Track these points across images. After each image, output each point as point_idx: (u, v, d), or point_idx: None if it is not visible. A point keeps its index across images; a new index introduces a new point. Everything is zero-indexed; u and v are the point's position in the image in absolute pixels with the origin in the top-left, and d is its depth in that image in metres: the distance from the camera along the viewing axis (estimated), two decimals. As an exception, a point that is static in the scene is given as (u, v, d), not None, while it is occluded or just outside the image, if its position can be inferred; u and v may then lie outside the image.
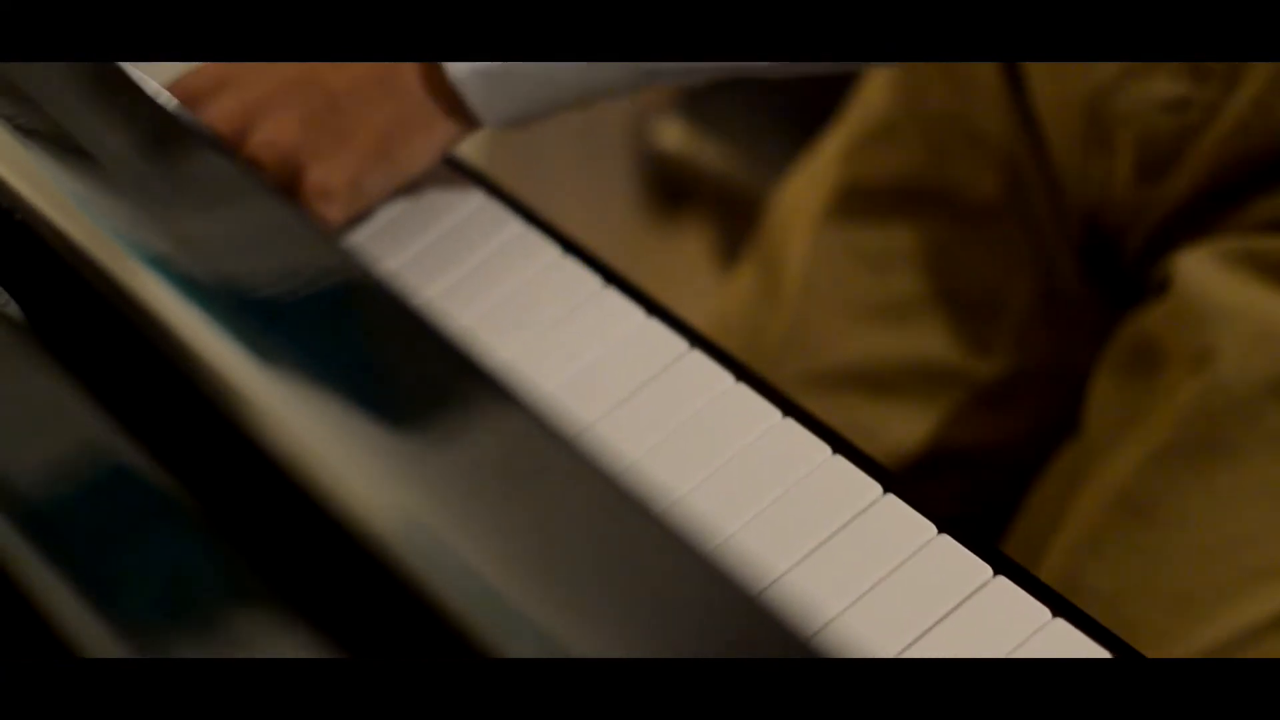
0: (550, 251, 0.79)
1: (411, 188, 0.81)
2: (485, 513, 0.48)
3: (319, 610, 0.49)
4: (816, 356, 0.94)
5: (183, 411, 0.54)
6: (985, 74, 0.92)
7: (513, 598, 0.46)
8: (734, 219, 1.17)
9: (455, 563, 0.47)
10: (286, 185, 0.75)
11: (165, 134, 0.64)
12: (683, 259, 0.85)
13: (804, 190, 0.99)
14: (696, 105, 1.18)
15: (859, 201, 0.95)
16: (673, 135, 1.18)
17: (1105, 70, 0.85)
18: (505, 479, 0.50)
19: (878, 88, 0.97)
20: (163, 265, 0.56)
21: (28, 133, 0.62)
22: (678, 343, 0.73)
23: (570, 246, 0.79)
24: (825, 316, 0.95)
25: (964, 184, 0.92)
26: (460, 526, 0.48)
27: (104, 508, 0.53)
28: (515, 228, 0.80)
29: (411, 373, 0.54)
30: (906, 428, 0.92)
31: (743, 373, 0.72)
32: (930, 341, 0.93)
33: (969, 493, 0.92)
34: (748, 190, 1.14)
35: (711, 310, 1.03)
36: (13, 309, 0.61)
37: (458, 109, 0.76)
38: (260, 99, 0.75)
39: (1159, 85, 0.83)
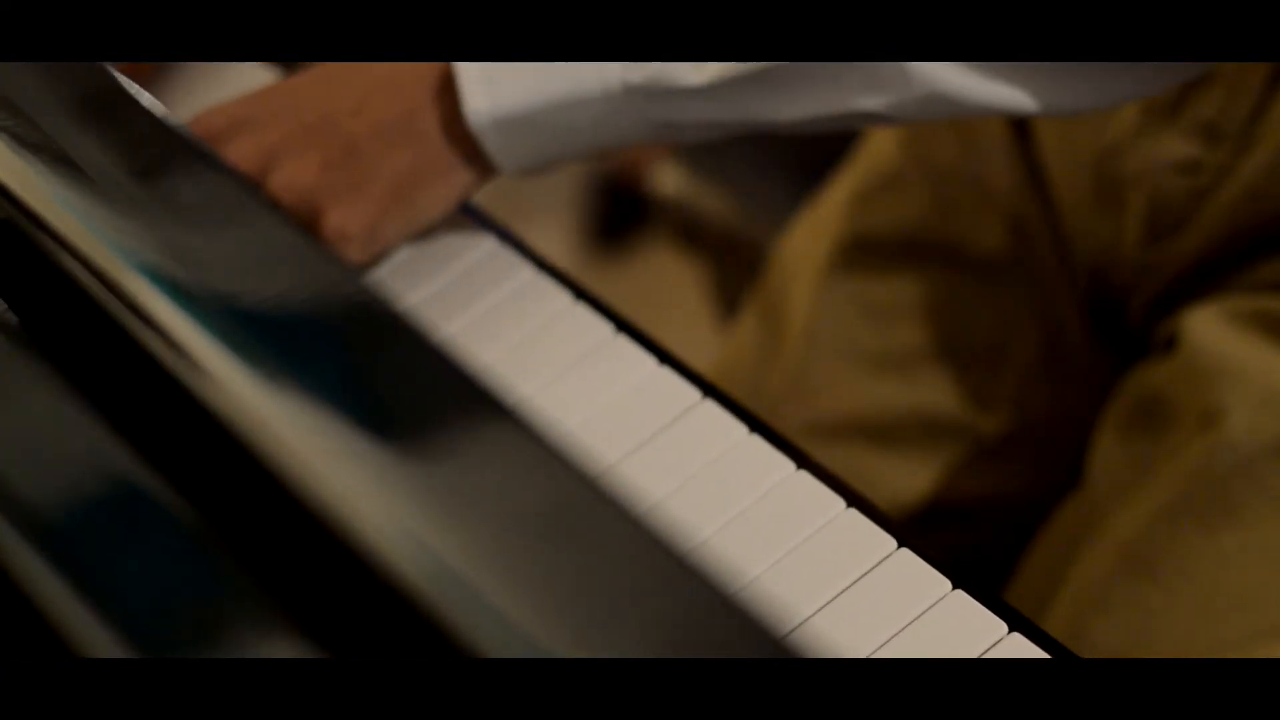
0: (561, 298, 0.79)
1: (425, 232, 0.81)
2: (478, 525, 0.49)
3: (311, 615, 0.49)
4: (818, 406, 0.95)
5: (180, 423, 0.54)
6: (993, 128, 0.93)
7: (507, 608, 0.46)
8: (734, 265, 1.18)
9: (450, 575, 0.47)
10: (304, 227, 0.76)
11: (166, 150, 0.64)
12: (679, 304, 0.85)
13: (808, 239, 0.99)
14: (697, 151, 1.19)
15: (864, 252, 0.96)
16: (672, 181, 1.18)
17: (1116, 129, 0.85)
18: (497, 491, 0.50)
19: (885, 139, 0.97)
20: (166, 281, 0.56)
21: (25, 144, 0.62)
22: (690, 392, 0.74)
23: (581, 293, 0.79)
24: (828, 366, 0.95)
25: (970, 237, 0.93)
26: (454, 539, 0.48)
27: (102, 516, 0.53)
28: (527, 274, 0.80)
29: (412, 391, 0.54)
30: (907, 479, 0.93)
31: (755, 424, 0.72)
32: (932, 394, 0.93)
33: (969, 546, 0.92)
34: (748, 237, 1.15)
35: (713, 357, 1.04)
36: (9, 317, 0.61)
37: (476, 156, 0.76)
38: (280, 141, 0.75)
39: (1170, 146, 0.83)
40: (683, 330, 0.83)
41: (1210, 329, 0.81)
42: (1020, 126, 0.92)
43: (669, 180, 1.18)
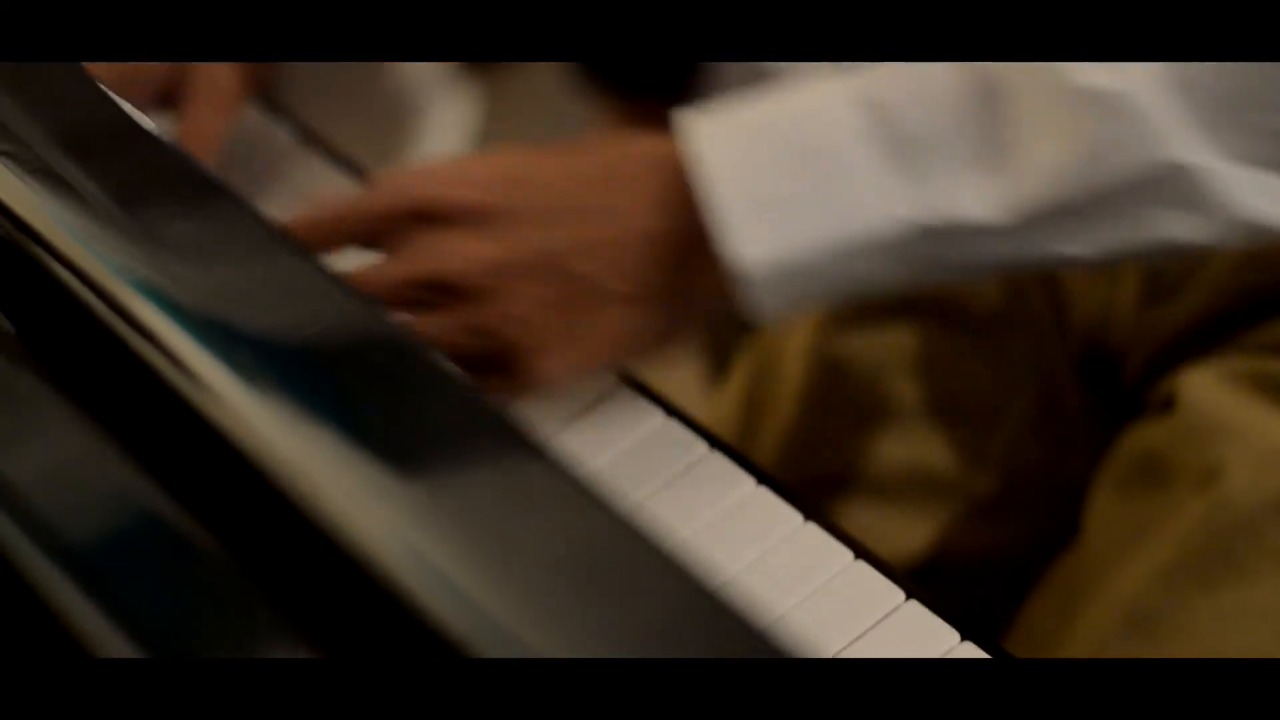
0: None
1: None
2: (502, 560, 0.49)
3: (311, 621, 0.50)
4: (811, 462, 0.95)
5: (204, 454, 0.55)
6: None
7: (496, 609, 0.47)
8: (724, 321, 1.18)
9: (485, 620, 0.48)
10: (498, 353, 0.71)
11: (169, 175, 0.64)
12: (669, 360, 0.86)
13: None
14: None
15: (859, 308, 0.96)
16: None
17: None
18: (519, 526, 0.50)
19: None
20: (176, 309, 0.57)
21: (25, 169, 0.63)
22: (698, 444, 0.74)
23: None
24: (821, 423, 0.95)
25: (966, 295, 0.93)
26: (479, 575, 0.49)
27: (120, 543, 0.53)
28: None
29: (434, 425, 0.54)
30: (901, 536, 0.93)
31: (763, 476, 0.73)
32: (926, 451, 0.94)
33: (968, 601, 0.93)
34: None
35: (704, 414, 1.04)
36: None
37: (721, 305, 0.71)
38: (502, 257, 0.69)
39: None
40: (672, 386, 0.83)
41: (1208, 389, 0.81)
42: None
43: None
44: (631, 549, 0.49)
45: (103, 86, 0.66)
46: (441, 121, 1.66)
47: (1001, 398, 0.92)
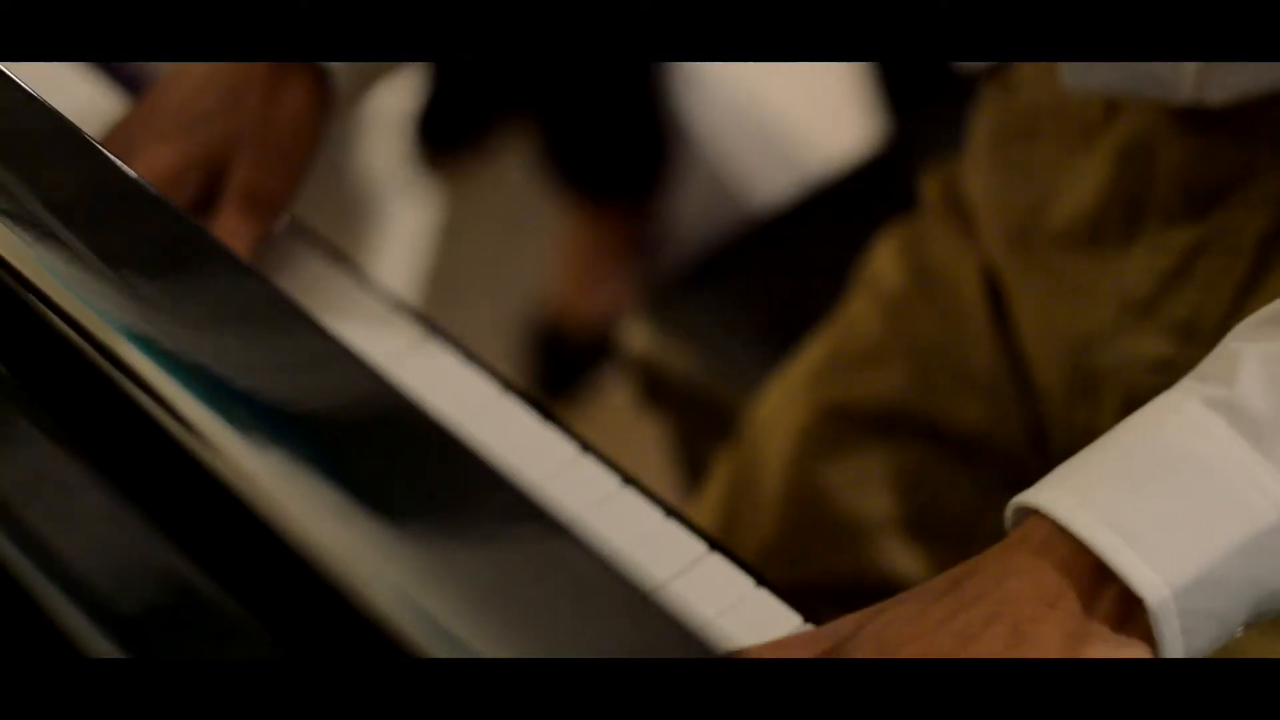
0: (566, 449, 0.81)
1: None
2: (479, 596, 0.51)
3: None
4: (789, 571, 0.97)
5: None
6: (974, 306, 0.96)
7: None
8: (700, 426, 1.21)
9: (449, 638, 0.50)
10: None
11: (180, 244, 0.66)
12: (642, 463, 0.88)
13: (783, 403, 1.02)
14: (666, 308, 1.22)
15: (841, 421, 0.99)
16: (640, 338, 1.21)
17: (1094, 322, 0.89)
18: (528, 588, 0.52)
19: (864, 310, 1.01)
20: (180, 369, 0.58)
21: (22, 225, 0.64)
22: (696, 545, 0.76)
23: (587, 446, 0.81)
24: (800, 534, 0.98)
25: (947, 414, 0.96)
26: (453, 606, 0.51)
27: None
28: (533, 423, 0.83)
29: (443, 490, 0.56)
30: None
31: (762, 578, 0.75)
32: (902, 566, 0.96)
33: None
34: (716, 398, 1.18)
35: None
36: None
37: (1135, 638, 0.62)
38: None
39: (1145, 344, 0.86)
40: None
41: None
42: (1000, 310, 0.96)
43: (637, 337, 1.21)
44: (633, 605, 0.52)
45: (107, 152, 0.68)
46: (403, 213, 1.68)
47: (978, 517, 0.95)
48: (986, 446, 0.96)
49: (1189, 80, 0.81)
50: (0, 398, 0.60)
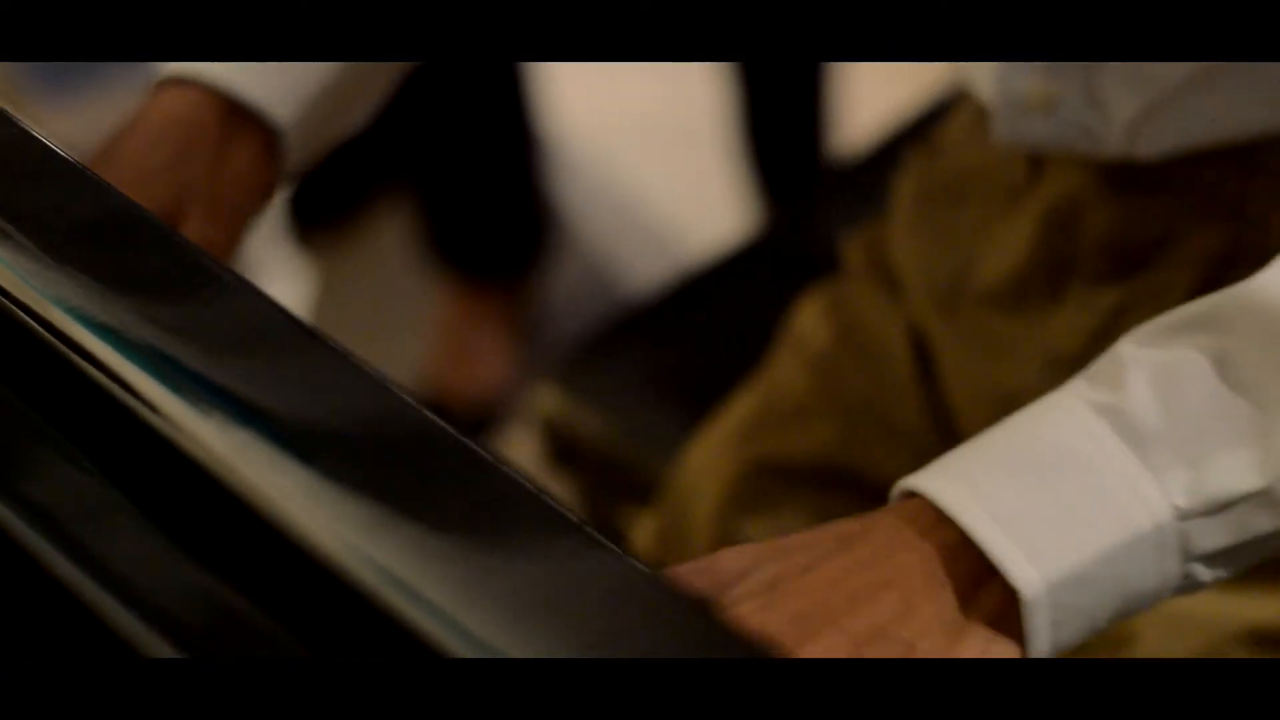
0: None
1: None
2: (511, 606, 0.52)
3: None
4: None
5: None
6: (900, 363, 0.99)
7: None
8: (609, 490, 1.22)
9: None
10: None
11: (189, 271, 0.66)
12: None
13: (710, 460, 1.04)
14: (576, 372, 1.23)
15: (769, 477, 1.00)
16: (550, 401, 1.22)
17: (1021, 376, 0.91)
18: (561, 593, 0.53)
19: (790, 367, 1.03)
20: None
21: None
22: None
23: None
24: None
25: (874, 468, 0.98)
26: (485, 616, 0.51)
27: None
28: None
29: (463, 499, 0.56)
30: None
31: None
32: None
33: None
34: (626, 462, 1.19)
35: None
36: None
37: (1003, 634, 0.64)
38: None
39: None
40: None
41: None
42: (926, 367, 0.98)
43: (546, 401, 1.22)
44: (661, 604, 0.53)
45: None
46: (277, 289, 1.68)
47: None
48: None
49: (1120, 134, 0.84)
50: (17, 428, 0.60)
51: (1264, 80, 0.82)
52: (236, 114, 0.84)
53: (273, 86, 0.84)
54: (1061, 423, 0.66)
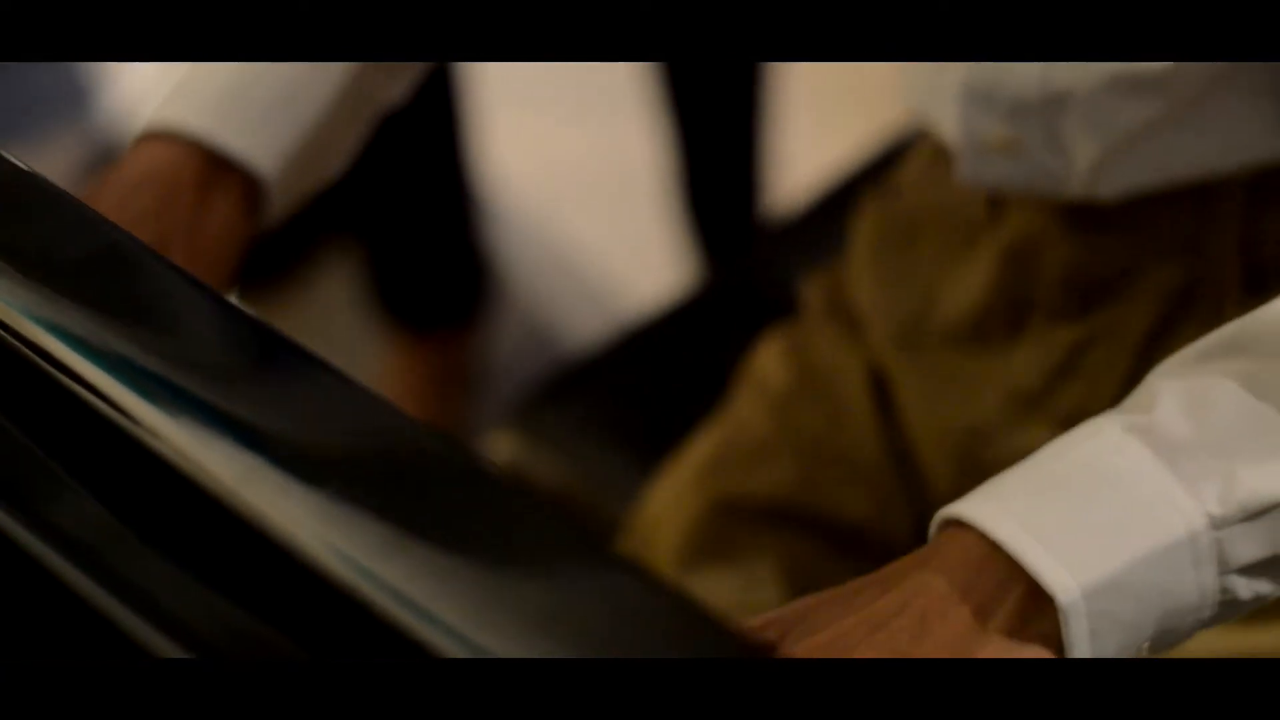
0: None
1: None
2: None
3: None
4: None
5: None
6: (859, 403, 1.00)
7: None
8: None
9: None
10: None
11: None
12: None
13: (672, 500, 1.04)
14: (533, 417, 1.24)
15: (730, 516, 1.01)
16: (507, 447, 1.23)
17: (982, 413, 0.93)
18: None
19: (750, 408, 1.04)
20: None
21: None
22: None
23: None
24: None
25: (836, 507, 0.99)
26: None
27: None
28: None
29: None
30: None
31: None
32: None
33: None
34: (584, 507, 1.20)
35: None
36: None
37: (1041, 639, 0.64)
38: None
39: (1033, 436, 0.87)
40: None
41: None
42: (886, 406, 1.00)
43: (503, 446, 1.23)
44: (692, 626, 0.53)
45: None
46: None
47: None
48: (874, 538, 0.99)
49: (1081, 177, 0.86)
50: (21, 460, 0.60)
51: (1218, 124, 0.84)
52: (217, 164, 0.85)
53: (253, 137, 0.85)
54: (1091, 443, 0.66)
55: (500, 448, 1.23)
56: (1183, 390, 0.67)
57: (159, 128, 0.84)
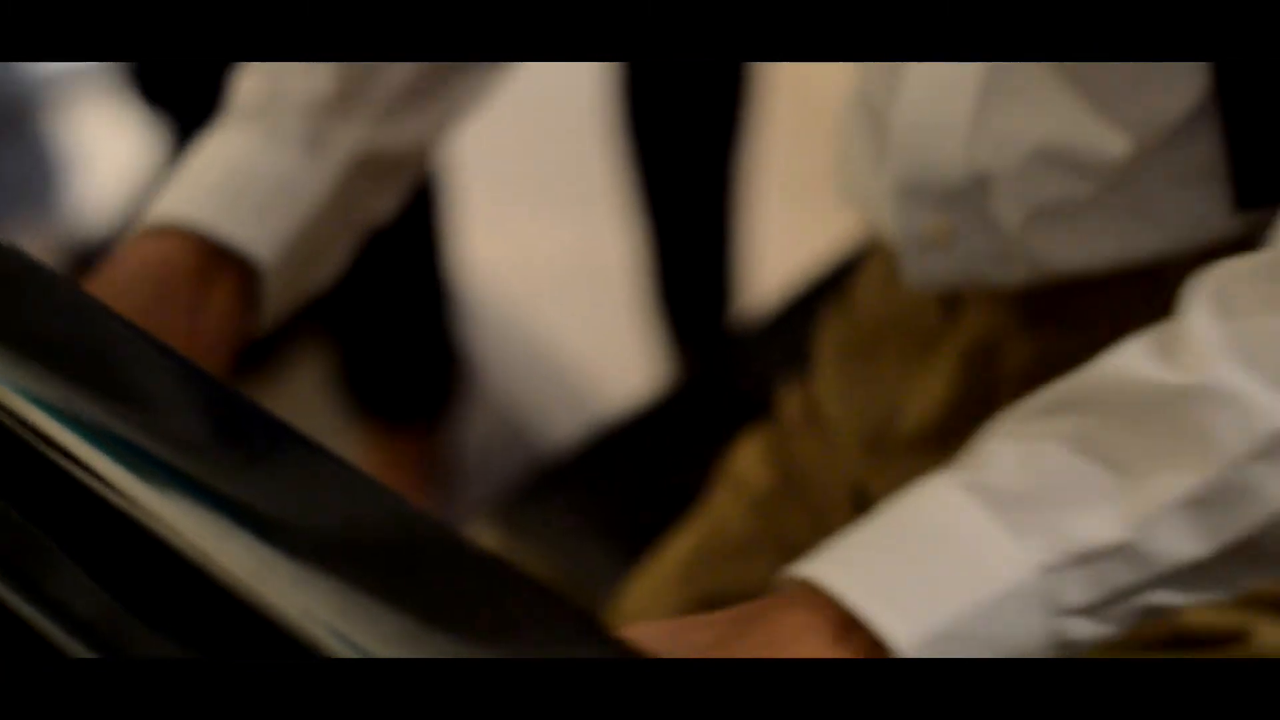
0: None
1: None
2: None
3: None
4: None
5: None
6: (838, 506, 1.01)
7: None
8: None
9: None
10: None
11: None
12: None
13: (651, 596, 1.05)
14: (514, 511, 1.24)
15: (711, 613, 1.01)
16: (489, 539, 1.23)
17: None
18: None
19: (730, 506, 1.04)
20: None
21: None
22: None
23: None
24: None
25: (810, 544, 0.99)
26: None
27: None
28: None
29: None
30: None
31: None
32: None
33: None
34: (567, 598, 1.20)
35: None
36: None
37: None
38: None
39: None
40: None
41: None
42: (865, 509, 1.00)
43: (484, 540, 1.23)
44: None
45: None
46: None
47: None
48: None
49: (1018, 260, 0.87)
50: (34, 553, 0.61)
51: (1152, 208, 0.85)
52: (216, 256, 0.86)
53: (253, 228, 0.86)
54: (922, 501, 0.70)
55: (482, 541, 1.24)
56: (1014, 446, 0.70)
57: (159, 222, 0.85)
